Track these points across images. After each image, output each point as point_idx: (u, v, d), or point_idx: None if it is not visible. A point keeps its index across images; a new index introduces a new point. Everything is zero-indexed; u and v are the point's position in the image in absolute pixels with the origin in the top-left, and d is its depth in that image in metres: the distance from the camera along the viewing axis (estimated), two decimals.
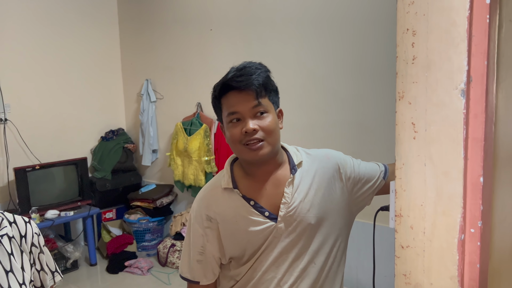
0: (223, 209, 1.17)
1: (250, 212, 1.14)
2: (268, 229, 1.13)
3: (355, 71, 2.72)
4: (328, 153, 1.26)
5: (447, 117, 0.60)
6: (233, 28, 3.44)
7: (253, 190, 1.17)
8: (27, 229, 1.02)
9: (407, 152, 0.65)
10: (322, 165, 1.21)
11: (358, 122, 2.72)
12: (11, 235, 0.98)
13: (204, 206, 1.20)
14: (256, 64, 1.14)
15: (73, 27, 4.18)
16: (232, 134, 1.12)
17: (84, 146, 4.35)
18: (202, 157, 3.58)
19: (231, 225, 1.16)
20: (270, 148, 1.11)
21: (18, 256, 0.97)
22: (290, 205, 1.14)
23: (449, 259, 0.62)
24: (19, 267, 0.96)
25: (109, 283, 3.58)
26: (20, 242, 0.99)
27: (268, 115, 1.12)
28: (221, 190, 1.19)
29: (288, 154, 1.22)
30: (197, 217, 1.21)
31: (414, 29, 0.62)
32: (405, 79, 0.64)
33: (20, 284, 0.93)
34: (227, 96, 1.12)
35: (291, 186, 1.15)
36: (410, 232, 0.66)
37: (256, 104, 1.09)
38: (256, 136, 1.09)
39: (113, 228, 4.14)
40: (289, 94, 3.07)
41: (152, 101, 4.23)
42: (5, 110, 3.72)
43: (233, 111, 1.11)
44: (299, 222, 1.14)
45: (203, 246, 1.20)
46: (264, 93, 1.12)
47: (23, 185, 3.54)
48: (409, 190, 0.65)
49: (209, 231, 1.19)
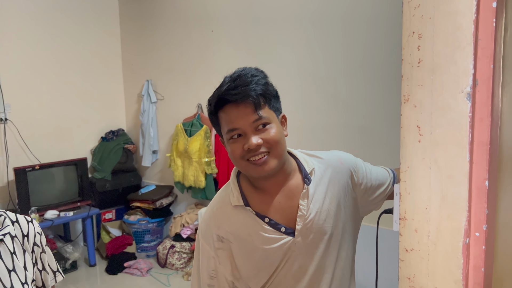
0: (236, 227, 1.09)
1: (266, 230, 1.07)
2: (286, 244, 1.07)
3: (357, 73, 2.72)
4: (341, 157, 1.20)
5: (452, 120, 0.60)
6: (234, 29, 3.44)
7: (266, 205, 1.10)
8: (30, 229, 1.02)
9: (412, 155, 0.65)
10: (336, 170, 1.15)
11: (360, 124, 2.72)
12: (13, 234, 0.97)
13: (214, 225, 1.12)
14: (251, 71, 1.05)
15: (74, 28, 4.18)
16: (233, 150, 1.04)
17: (84, 146, 4.34)
18: (202, 158, 3.57)
19: (246, 244, 1.09)
20: (276, 161, 1.04)
21: (20, 255, 0.97)
22: (307, 218, 1.07)
23: (454, 263, 0.62)
24: (21, 266, 0.96)
25: (108, 284, 3.57)
26: (22, 242, 0.99)
27: (271, 126, 1.03)
28: (231, 207, 1.10)
29: (298, 162, 1.14)
30: (207, 238, 1.12)
31: (420, 32, 0.62)
32: (411, 82, 0.64)
33: (22, 283, 0.93)
34: (224, 111, 1.04)
35: (306, 198, 1.08)
36: (414, 236, 0.66)
37: (256, 117, 1.01)
38: (261, 150, 1.02)
39: (112, 229, 4.14)
40: (290, 96, 3.07)
41: (153, 102, 4.23)
42: (5, 110, 3.72)
43: (233, 127, 1.02)
44: (316, 233, 1.08)
45: (215, 269, 1.11)
46: (264, 102, 1.03)
47: (23, 185, 3.54)
48: (413, 193, 0.65)
49: (221, 252, 1.10)
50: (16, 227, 0.99)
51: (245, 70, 1.05)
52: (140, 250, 4.02)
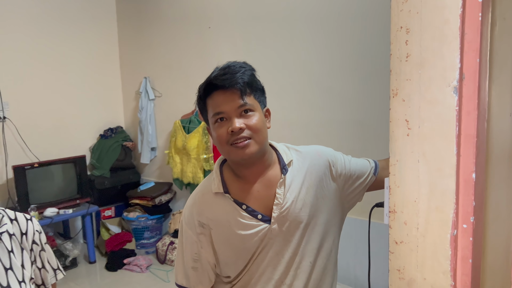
0: (216, 214, 1.16)
1: (243, 216, 1.13)
2: (262, 231, 1.12)
3: (353, 69, 2.72)
4: (319, 150, 1.25)
5: (440, 114, 0.61)
6: (231, 25, 3.44)
7: (244, 193, 1.16)
8: (28, 227, 1.02)
9: (400, 149, 0.66)
10: (313, 162, 1.21)
11: (357, 120, 2.73)
12: (11, 232, 0.98)
13: (196, 212, 1.18)
14: (240, 63, 1.13)
15: (71, 25, 4.18)
16: (218, 134, 1.11)
17: (82, 144, 4.35)
18: (200, 154, 3.58)
19: (224, 230, 1.15)
20: (257, 146, 1.10)
21: (18, 253, 0.97)
22: (283, 206, 1.13)
23: (442, 254, 0.63)
24: (19, 264, 0.96)
25: (108, 280, 3.59)
26: (20, 240, 0.99)
27: (254, 113, 1.10)
28: (212, 195, 1.17)
29: (278, 154, 1.21)
30: (190, 224, 1.19)
31: (407, 27, 0.63)
32: (399, 76, 0.65)
33: (19, 282, 0.93)
34: (212, 97, 1.11)
35: (282, 187, 1.14)
36: (403, 228, 0.67)
37: (241, 103, 1.08)
38: (243, 134, 1.08)
39: (112, 226, 4.15)
40: (287, 92, 3.08)
41: (151, 99, 4.23)
42: (3, 108, 3.72)
43: (219, 111, 1.10)
44: (292, 221, 1.13)
45: (198, 253, 1.18)
46: (249, 91, 1.11)
47: (22, 183, 3.54)
48: (402, 187, 0.66)
49: (202, 237, 1.17)
50: (14, 225, 0.99)
51: (234, 62, 1.14)
52: (140, 247, 4.04)
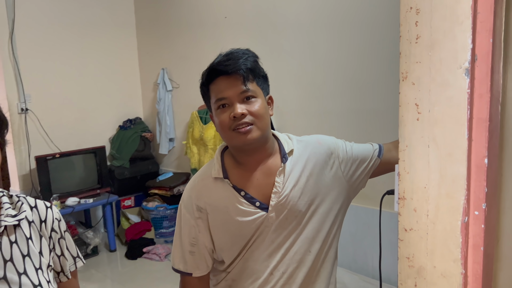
0: (214, 199, 1.16)
1: (241, 203, 1.13)
2: (259, 219, 1.12)
3: (370, 56, 2.67)
4: (320, 138, 1.24)
5: (451, 97, 0.59)
6: (247, 15, 3.42)
7: (244, 180, 1.16)
8: (48, 214, 1.03)
9: (410, 133, 0.64)
10: (314, 151, 1.19)
11: (374, 108, 2.69)
12: (30, 220, 0.99)
13: (194, 196, 1.18)
14: (243, 50, 1.12)
15: (90, 18, 4.23)
16: (220, 120, 1.10)
17: (102, 135, 4.42)
18: (217, 145, 3.59)
19: (221, 215, 1.15)
20: (259, 132, 1.09)
21: (37, 240, 0.98)
22: (281, 194, 1.13)
23: (453, 242, 0.61)
24: (37, 252, 0.97)
25: (128, 268, 3.66)
26: (40, 227, 1.00)
27: (256, 99, 1.10)
28: (212, 179, 1.17)
29: (279, 143, 1.20)
30: (188, 208, 1.19)
31: (417, 7, 0.61)
32: (409, 59, 0.63)
33: (36, 268, 0.95)
34: (215, 82, 1.11)
35: (282, 175, 1.14)
36: (413, 215, 0.65)
37: (244, 89, 1.08)
38: (245, 120, 1.08)
39: (131, 215, 4.23)
40: (303, 81, 3.05)
41: (168, 90, 4.26)
42: (26, 100, 3.81)
43: (221, 96, 1.09)
44: (290, 210, 1.13)
45: (195, 237, 1.18)
46: (252, 77, 1.10)
47: (44, 173, 3.63)
48: (412, 173, 0.65)
49: (200, 221, 1.17)
50: (34, 213, 1.00)
51: (238, 49, 1.13)
52: (159, 236, 4.10)
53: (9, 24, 3.69)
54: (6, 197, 0.97)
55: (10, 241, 0.93)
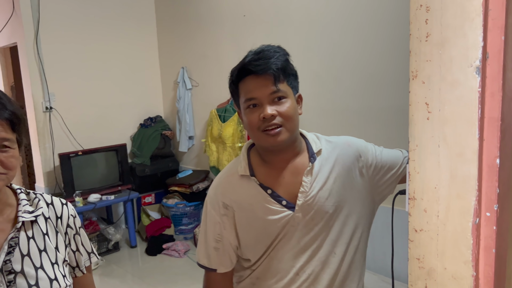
0: (240, 196, 1.15)
1: (267, 201, 1.12)
2: (285, 218, 1.11)
3: (392, 52, 2.63)
4: (349, 140, 1.22)
5: (461, 96, 0.57)
6: (266, 12, 3.42)
7: (271, 178, 1.14)
8: (63, 211, 1.06)
9: (420, 133, 0.63)
10: (343, 152, 1.17)
11: (396, 105, 2.65)
12: (47, 216, 1.02)
13: (220, 193, 1.18)
14: (274, 47, 1.10)
15: (112, 18, 4.31)
16: (249, 120, 1.09)
17: (124, 133, 4.50)
18: (235, 143, 3.61)
19: (247, 213, 1.14)
20: (288, 134, 1.08)
21: (53, 236, 1.01)
22: (308, 194, 1.11)
23: (463, 243, 0.60)
24: (53, 247, 1.00)
25: (149, 264, 3.72)
26: (56, 223, 1.03)
27: (286, 100, 1.08)
28: (238, 177, 1.16)
29: (307, 142, 1.18)
30: (214, 204, 1.18)
31: (427, 4, 0.60)
32: (419, 57, 0.62)
33: (52, 263, 0.98)
34: (245, 81, 1.09)
35: (309, 175, 1.12)
36: (423, 216, 0.64)
37: (274, 90, 1.06)
38: (274, 121, 1.06)
39: (152, 212, 4.29)
40: (322, 79, 3.03)
41: (188, 88, 4.30)
42: (50, 99, 3.91)
43: (251, 97, 1.08)
44: (317, 210, 1.11)
45: (220, 233, 1.17)
46: (283, 77, 1.08)
47: (67, 170, 3.72)
48: (422, 173, 0.64)
49: (225, 218, 1.16)
50: (50, 209, 1.03)
51: (269, 46, 1.11)
52: (178, 233, 4.15)
53: (34, 25, 3.79)
54: (23, 194, 1.01)
55: (28, 237, 0.96)
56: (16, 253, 0.93)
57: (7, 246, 0.92)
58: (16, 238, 0.94)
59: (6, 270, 0.90)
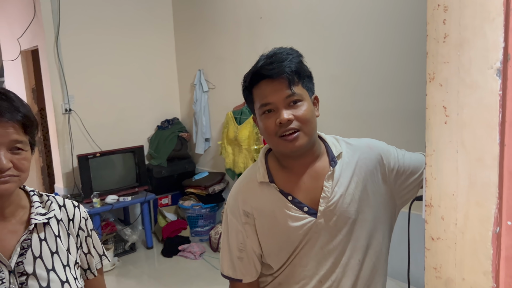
0: (260, 203, 1.12)
1: (289, 208, 1.09)
2: (308, 224, 1.08)
3: (409, 54, 2.58)
4: (370, 143, 1.18)
5: (481, 99, 0.55)
6: (282, 14, 3.41)
7: (291, 184, 1.11)
8: (75, 213, 1.07)
9: (437, 137, 0.61)
10: (364, 156, 1.14)
11: (413, 108, 2.60)
12: (59, 218, 1.03)
13: (240, 200, 1.15)
14: (287, 50, 1.07)
15: (130, 22, 4.36)
16: (266, 126, 1.06)
17: (141, 134, 4.54)
18: (251, 145, 3.60)
19: (269, 220, 1.11)
20: (307, 138, 1.05)
21: (65, 238, 1.02)
22: (330, 200, 1.08)
23: (483, 253, 0.57)
24: (64, 249, 1.01)
25: (164, 266, 3.74)
26: (68, 226, 1.04)
27: (303, 103, 1.05)
28: (257, 184, 1.13)
29: (326, 145, 1.15)
30: (234, 213, 1.16)
31: (445, 4, 0.57)
32: (436, 59, 0.59)
33: (64, 265, 0.98)
34: (259, 86, 1.06)
35: (331, 180, 1.09)
36: (441, 223, 0.62)
37: (289, 93, 1.03)
38: (292, 126, 1.03)
39: (168, 213, 4.31)
40: (340, 81, 3.00)
41: (205, 91, 4.31)
42: (69, 101, 3.97)
43: (266, 102, 1.05)
44: (339, 216, 1.08)
45: (243, 242, 1.15)
46: (297, 80, 1.05)
47: (86, 171, 3.77)
48: (440, 179, 0.61)
49: (247, 226, 1.14)
50: (62, 211, 1.04)
51: (280, 48, 1.08)
52: (194, 235, 4.16)
53: (54, 29, 3.86)
54: (36, 196, 1.02)
55: (40, 239, 0.97)
56: (28, 255, 0.93)
57: (19, 248, 0.92)
58: (29, 240, 0.95)
59: (18, 272, 0.91)
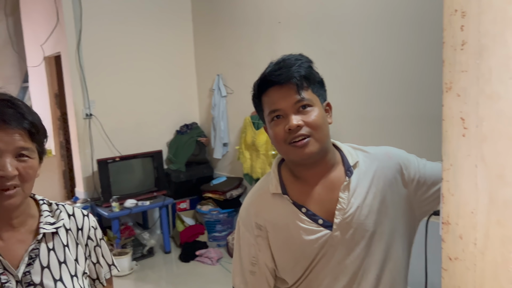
0: (273, 216, 1.08)
1: (302, 220, 1.05)
2: (323, 238, 1.03)
3: (431, 58, 2.52)
4: (389, 151, 1.12)
5: (502, 111, 0.51)
6: (301, 19, 3.38)
7: (304, 195, 1.07)
8: (84, 222, 1.05)
9: (455, 151, 0.57)
10: (382, 165, 1.08)
11: (435, 114, 2.52)
12: (68, 227, 1.02)
13: (253, 213, 1.12)
14: (296, 56, 1.05)
15: (150, 28, 4.40)
16: (275, 133, 1.03)
17: (160, 139, 4.57)
18: (269, 151, 3.58)
19: (282, 233, 1.07)
20: (318, 145, 1.01)
21: (73, 248, 1.01)
22: (346, 212, 1.03)
23: (505, 276, 0.53)
24: (73, 259, 1.00)
25: (182, 270, 3.74)
26: (76, 235, 1.03)
27: (313, 108, 1.01)
28: (270, 195, 1.10)
29: (342, 154, 1.10)
30: (247, 225, 1.12)
31: (463, 9, 0.54)
32: (453, 68, 0.56)
33: (71, 275, 0.97)
34: (268, 93, 1.04)
35: (347, 191, 1.04)
36: (459, 243, 0.58)
37: (298, 98, 1.00)
38: (301, 132, 0.99)
39: (186, 218, 4.32)
40: (359, 86, 2.95)
41: (223, 96, 4.31)
42: (90, 106, 4.03)
43: (274, 108, 1.02)
44: (356, 229, 1.03)
45: (256, 256, 1.11)
46: (307, 85, 1.02)
47: (105, 175, 3.82)
48: (458, 195, 0.58)
49: (260, 239, 1.10)
50: (71, 220, 1.03)
51: (289, 55, 1.06)
52: (212, 240, 4.15)
53: (76, 35, 3.94)
54: (46, 205, 1.01)
55: (48, 248, 0.96)
56: (36, 265, 0.93)
57: (27, 258, 0.92)
58: (37, 250, 0.94)
59: (25, 282, 0.90)
